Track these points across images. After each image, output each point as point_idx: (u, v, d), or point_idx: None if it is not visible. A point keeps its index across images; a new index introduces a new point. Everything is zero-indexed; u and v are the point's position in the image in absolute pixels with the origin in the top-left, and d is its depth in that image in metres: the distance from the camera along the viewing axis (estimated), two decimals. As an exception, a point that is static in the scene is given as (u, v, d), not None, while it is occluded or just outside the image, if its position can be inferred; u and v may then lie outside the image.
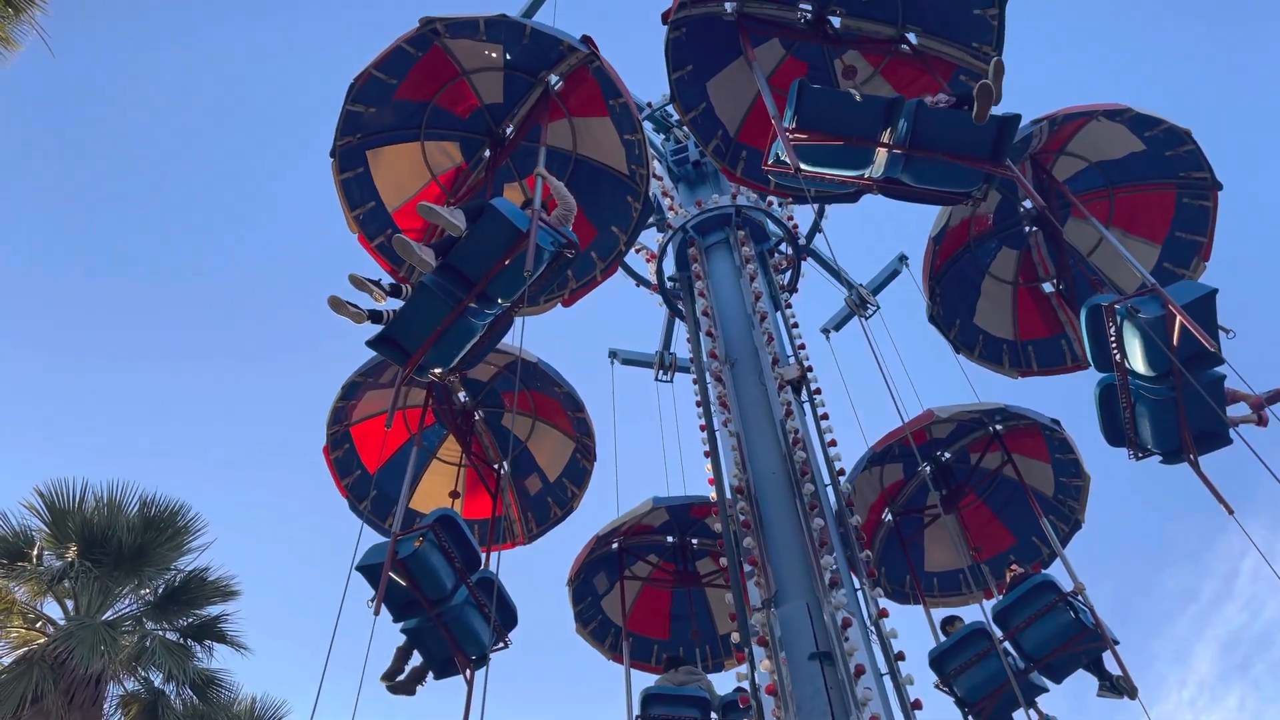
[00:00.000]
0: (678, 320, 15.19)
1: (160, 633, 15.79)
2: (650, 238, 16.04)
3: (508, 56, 10.96)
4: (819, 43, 11.36)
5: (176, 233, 39.35)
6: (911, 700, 8.79)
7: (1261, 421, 10.06)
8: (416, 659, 11.24)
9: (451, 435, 14.06)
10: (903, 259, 15.91)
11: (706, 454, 10.93)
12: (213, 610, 16.25)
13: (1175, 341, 9.45)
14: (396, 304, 9.67)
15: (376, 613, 9.96)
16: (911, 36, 11.31)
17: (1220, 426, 10.01)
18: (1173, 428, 10.09)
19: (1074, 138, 12.05)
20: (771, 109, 9.37)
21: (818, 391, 11.34)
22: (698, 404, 11.47)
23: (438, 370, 9.70)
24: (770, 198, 14.56)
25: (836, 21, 11.39)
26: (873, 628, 9.18)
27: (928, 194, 9.41)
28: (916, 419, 13.34)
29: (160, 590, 15.94)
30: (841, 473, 10.68)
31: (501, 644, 11.47)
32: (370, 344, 9.34)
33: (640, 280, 16.27)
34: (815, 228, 15.24)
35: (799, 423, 10.48)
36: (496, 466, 14.04)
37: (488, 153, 11.93)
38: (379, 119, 11.22)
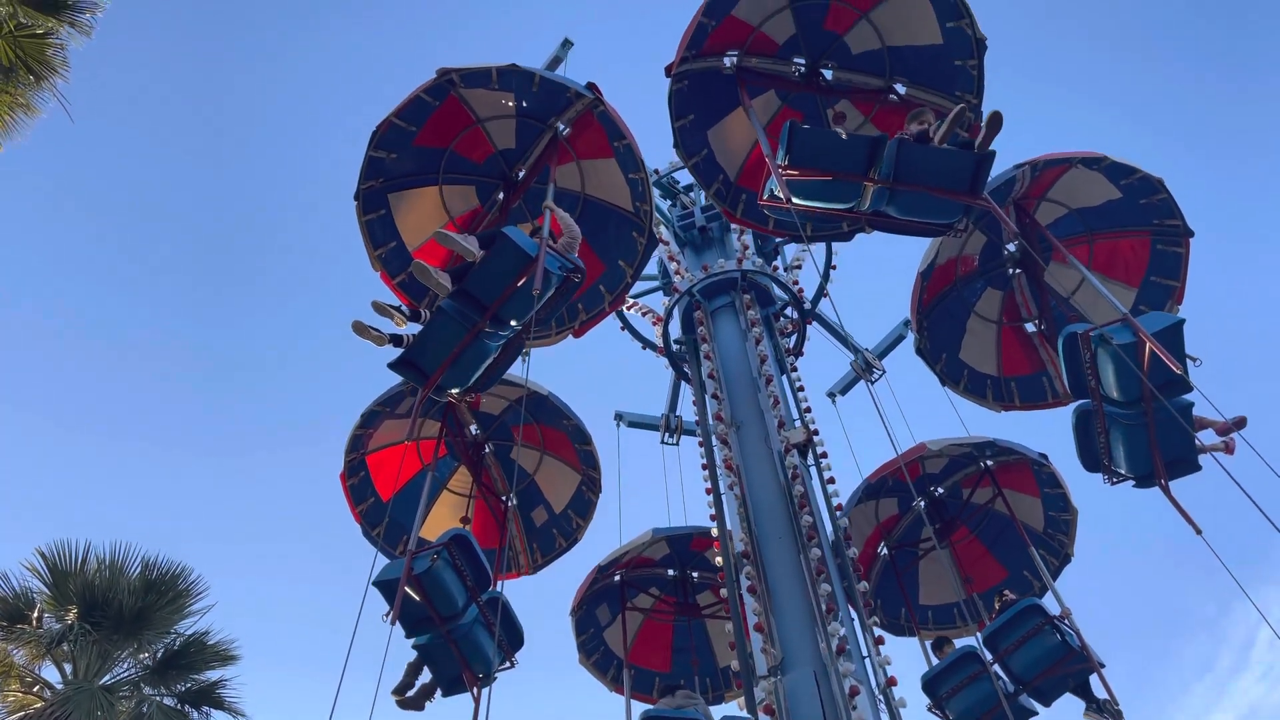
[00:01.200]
0: (684, 383, 15.47)
1: (158, 698, 15.66)
2: (656, 301, 16.63)
3: (521, 104, 11.75)
4: (813, 93, 12.16)
5: (178, 295, 40.26)
6: None
7: (1229, 450, 10.59)
8: (426, 675, 11.73)
9: (462, 467, 14.65)
10: (908, 324, 15.83)
11: (712, 518, 11.13)
12: (211, 675, 16.07)
13: (1146, 368, 10.07)
14: (415, 329, 10.37)
15: (393, 624, 10.48)
16: (899, 86, 12.13)
17: (1190, 452, 10.57)
18: (1145, 453, 10.64)
19: (1055, 184, 12.77)
20: (766, 149, 10.16)
21: (824, 455, 11.55)
22: (703, 467, 11.69)
23: (455, 391, 10.32)
24: (775, 262, 15.24)
25: (829, 74, 12.22)
26: (881, 696, 9.24)
27: (913, 226, 10.14)
28: (908, 451, 13.87)
29: (159, 654, 15.81)
30: (848, 537, 10.85)
31: (508, 664, 11.94)
32: (391, 366, 9.99)
33: (646, 343, 16.75)
34: (820, 292, 15.63)
35: (805, 486, 10.62)
36: (504, 498, 14.58)
37: (501, 195, 12.69)
38: (399, 164, 11.98)
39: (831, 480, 11.28)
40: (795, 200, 9.59)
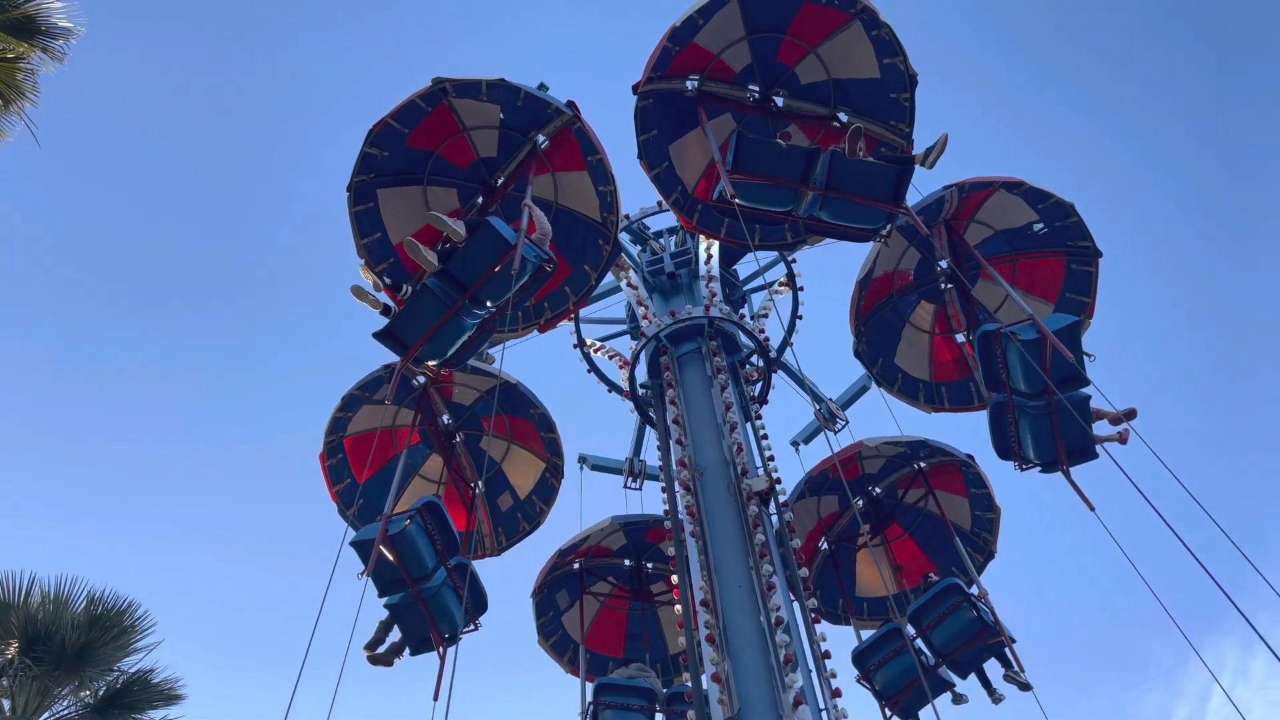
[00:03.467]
0: (648, 427, 15.63)
1: (98, 737, 14.99)
2: (624, 345, 17.36)
3: (504, 116, 13.01)
4: (765, 117, 13.53)
5: (138, 321, 40.63)
6: None
7: (1123, 440, 11.91)
8: (396, 635, 12.72)
9: (433, 456, 15.75)
10: (871, 376, 16.24)
11: (672, 563, 11.52)
12: (154, 715, 15.37)
13: (1048, 363, 11.42)
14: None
15: (369, 574, 11.53)
16: (842, 115, 13.53)
17: (1088, 441, 11.90)
18: (1049, 441, 11.96)
19: (981, 207, 14.17)
20: (717, 156, 11.47)
21: (785, 505, 12.00)
22: (665, 513, 12.06)
23: (432, 363, 11.47)
24: (742, 310, 16.22)
25: (780, 101, 13.61)
26: None
27: (844, 230, 11.50)
28: (847, 448, 15.17)
29: (101, 692, 15.12)
30: (808, 588, 11.25)
31: (473, 626, 12.96)
32: (376, 335, 11.11)
33: (612, 386, 17.17)
34: (785, 342, 16.34)
35: (766, 535, 10.96)
36: (473, 485, 15.65)
37: (480, 199, 13.90)
38: (390, 163, 13.17)
39: (792, 529, 11.68)
40: (739, 201, 10.89)
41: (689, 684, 10.43)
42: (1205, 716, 37.43)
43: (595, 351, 17.46)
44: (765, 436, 13.00)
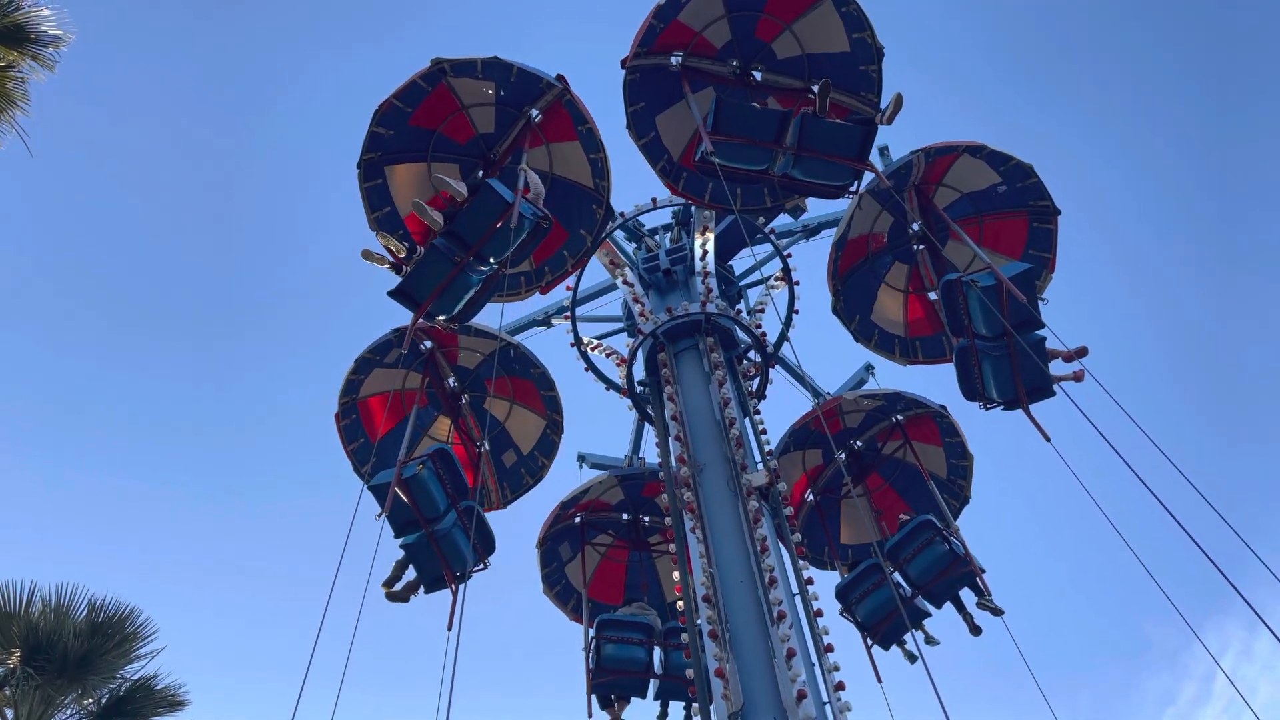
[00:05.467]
0: (647, 425, 15.89)
1: (102, 745, 15.11)
2: (620, 342, 17.75)
3: (499, 93, 14.01)
4: (745, 89, 14.51)
5: (129, 333, 41.15)
6: None
7: (1077, 378, 12.92)
8: (411, 575, 13.73)
9: (441, 417, 16.77)
10: (869, 368, 17.49)
11: (674, 560, 11.72)
12: None
13: (1005, 307, 12.45)
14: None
15: (385, 515, 12.55)
16: (816, 87, 14.48)
17: (1045, 380, 12.93)
18: (1009, 381, 13.00)
19: (949, 171, 15.15)
20: (699, 120, 12.49)
21: (785, 499, 12.09)
22: (665, 510, 12.17)
23: (442, 318, 12.49)
24: (739, 305, 16.87)
25: (758, 75, 14.58)
26: None
27: (815, 187, 12.53)
28: (827, 403, 16.23)
29: (104, 700, 15.25)
30: (810, 581, 11.23)
31: (482, 565, 14.00)
32: (390, 294, 12.15)
33: (610, 384, 17.35)
34: (783, 336, 16.57)
35: (767, 530, 11.14)
36: (479, 444, 16.66)
37: (481, 173, 14.88)
38: (395, 141, 14.17)
39: (793, 522, 11.73)
40: (717, 160, 11.91)
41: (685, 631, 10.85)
42: (1211, 696, 37.74)
43: (592, 350, 17.41)
44: (764, 431, 13.20)
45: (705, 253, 15.62)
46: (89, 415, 38.87)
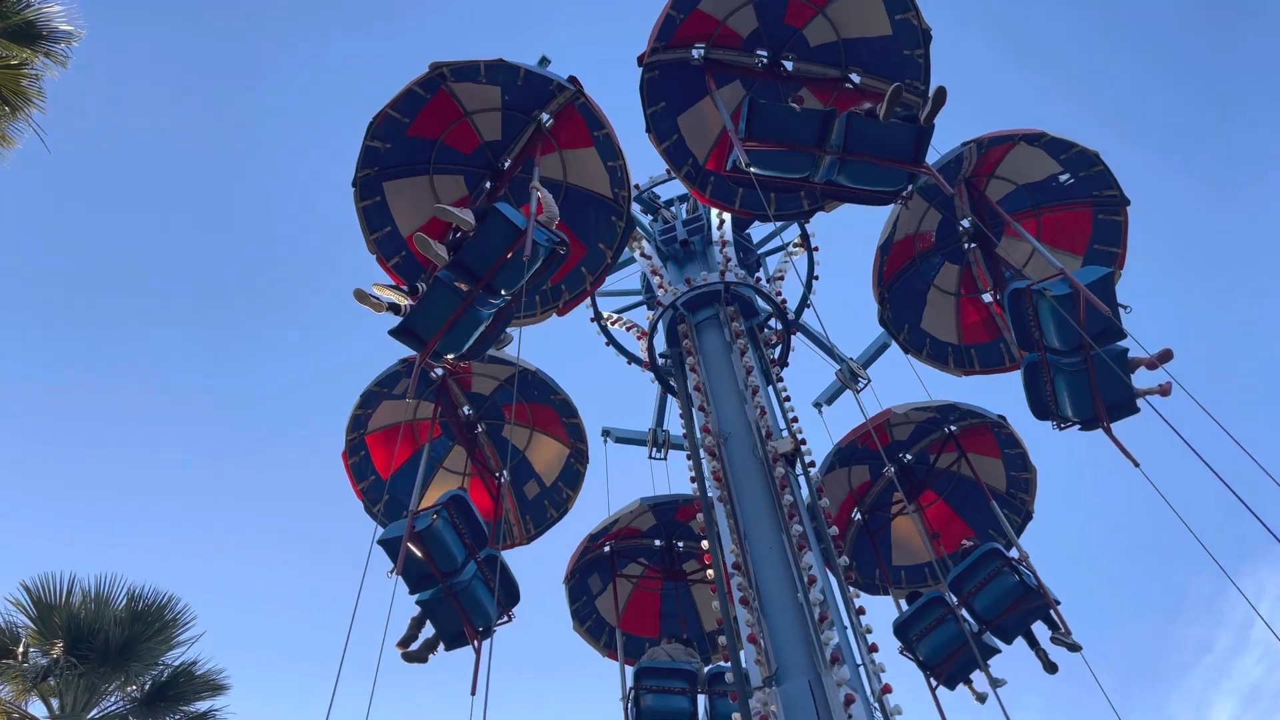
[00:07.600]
0: (670, 397, 15.61)
1: (148, 730, 15.47)
2: (640, 315, 17.06)
3: (505, 97, 12.67)
4: (775, 82, 13.14)
5: (155, 324, 40.74)
6: None
7: (1164, 392, 11.55)
8: (429, 631, 12.56)
9: (456, 447, 15.54)
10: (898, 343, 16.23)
11: (701, 530, 11.31)
12: (201, 706, 15.72)
13: (1082, 317, 11.06)
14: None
15: (398, 573, 11.33)
16: (854, 75, 13.12)
17: (1128, 395, 11.55)
18: (1087, 398, 11.62)
19: (1002, 162, 13.74)
20: (728, 124, 11.10)
21: (812, 465, 11.78)
22: (692, 479, 11.86)
23: (449, 357, 11.21)
24: (758, 273, 15.89)
25: (789, 65, 13.21)
26: (876, 703, 9.45)
27: (863, 194, 11.15)
28: (876, 416, 14.84)
29: (147, 686, 15.47)
30: (839, 546, 11.04)
31: (506, 618, 12.80)
32: (392, 333, 10.87)
33: (632, 358, 16.94)
34: (803, 302, 16.03)
35: (794, 495, 10.87)
36: (497, 474, 15.45)
37: (488, 184, 13.59)
38: (393, 154, 12.87)
39: (820, 490, 11.45)
40: (754, 170, 10.55)
41: (728, 663, 10.21)
42: (1248, 644, 36.96)
43: (612, 324, 17.27)
44: (788, 399, 12.83)
45: (722, 222, 15.15)
46: (122, 391, 38.82)
